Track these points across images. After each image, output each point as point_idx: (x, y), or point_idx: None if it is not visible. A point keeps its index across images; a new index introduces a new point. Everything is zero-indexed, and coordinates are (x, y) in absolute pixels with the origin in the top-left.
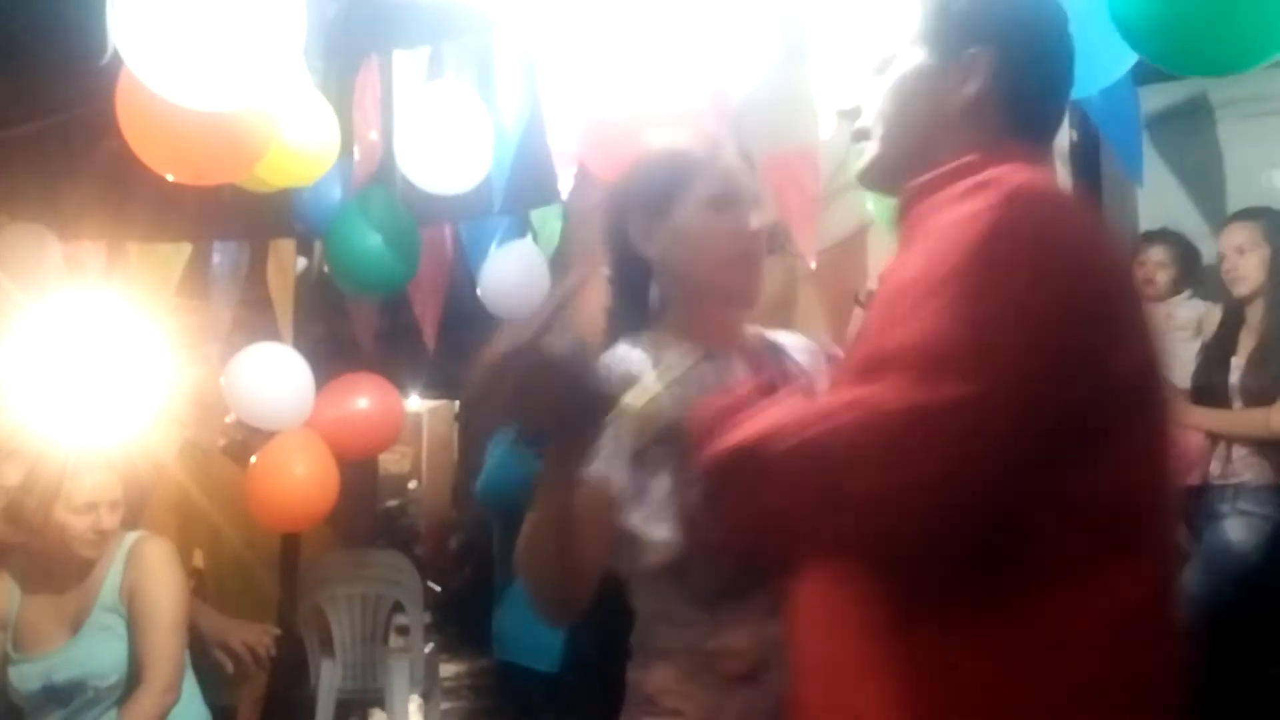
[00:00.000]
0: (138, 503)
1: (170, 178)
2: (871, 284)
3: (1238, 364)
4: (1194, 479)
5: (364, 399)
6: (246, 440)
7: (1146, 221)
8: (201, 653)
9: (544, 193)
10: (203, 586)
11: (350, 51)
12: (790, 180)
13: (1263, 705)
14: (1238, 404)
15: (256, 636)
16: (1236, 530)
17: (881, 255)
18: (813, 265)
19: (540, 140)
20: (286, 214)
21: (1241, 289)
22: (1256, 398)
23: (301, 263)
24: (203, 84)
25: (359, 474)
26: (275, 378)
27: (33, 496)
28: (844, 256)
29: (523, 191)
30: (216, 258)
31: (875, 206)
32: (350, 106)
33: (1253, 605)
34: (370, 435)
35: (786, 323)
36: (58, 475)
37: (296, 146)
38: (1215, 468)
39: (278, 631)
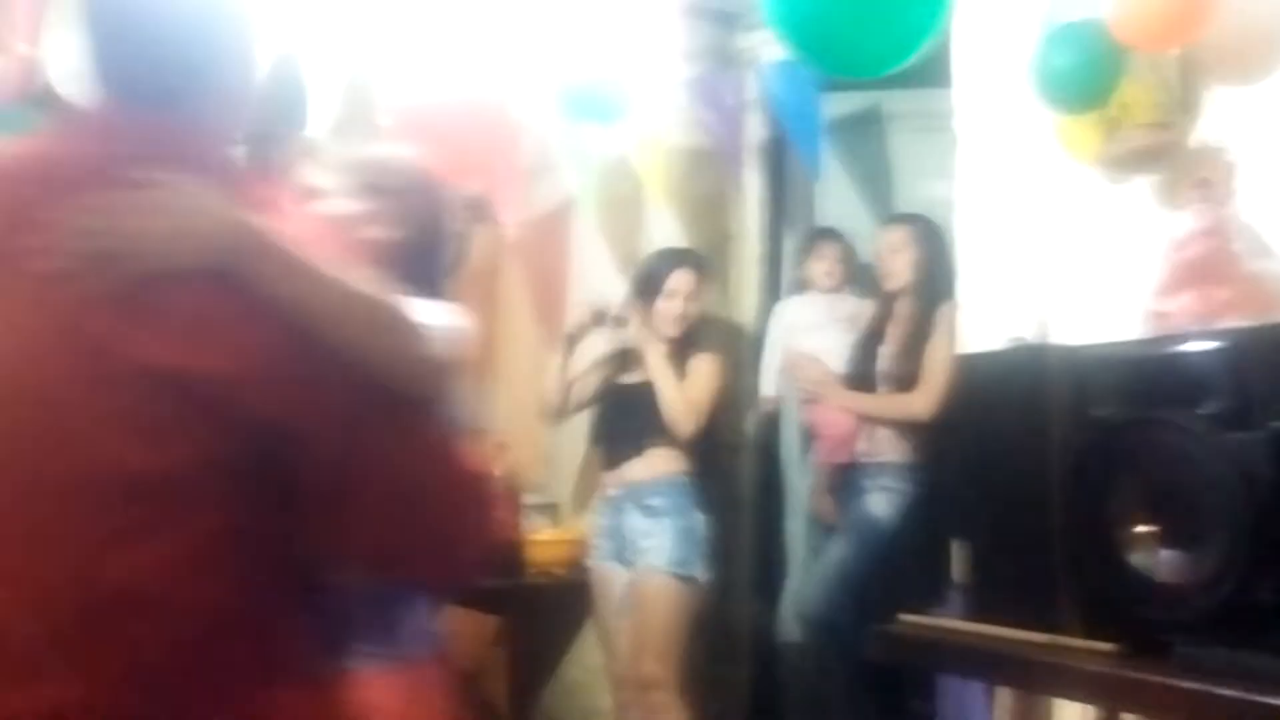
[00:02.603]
0: None
1: None
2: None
3: (885, 353)
4: (844, 457)
5: None
6: None
7: (824, 218)
8: None
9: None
10: None
11: None
12: (495, 153)
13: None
14: (884, 389)
15: None
16: (878, 504)
17: (584, 232)
18: (515, 236)
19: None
20: None
21: (892, 285)
22: (900, 384)
23: None
24: None
25: None
26: None
27: None
28: (547, 231)
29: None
30: None
31: (579, 185)
32: None
33: (891, 569)
34: None
35: (491, 292)
36: None
37: None
38: (863, 447)
39: None
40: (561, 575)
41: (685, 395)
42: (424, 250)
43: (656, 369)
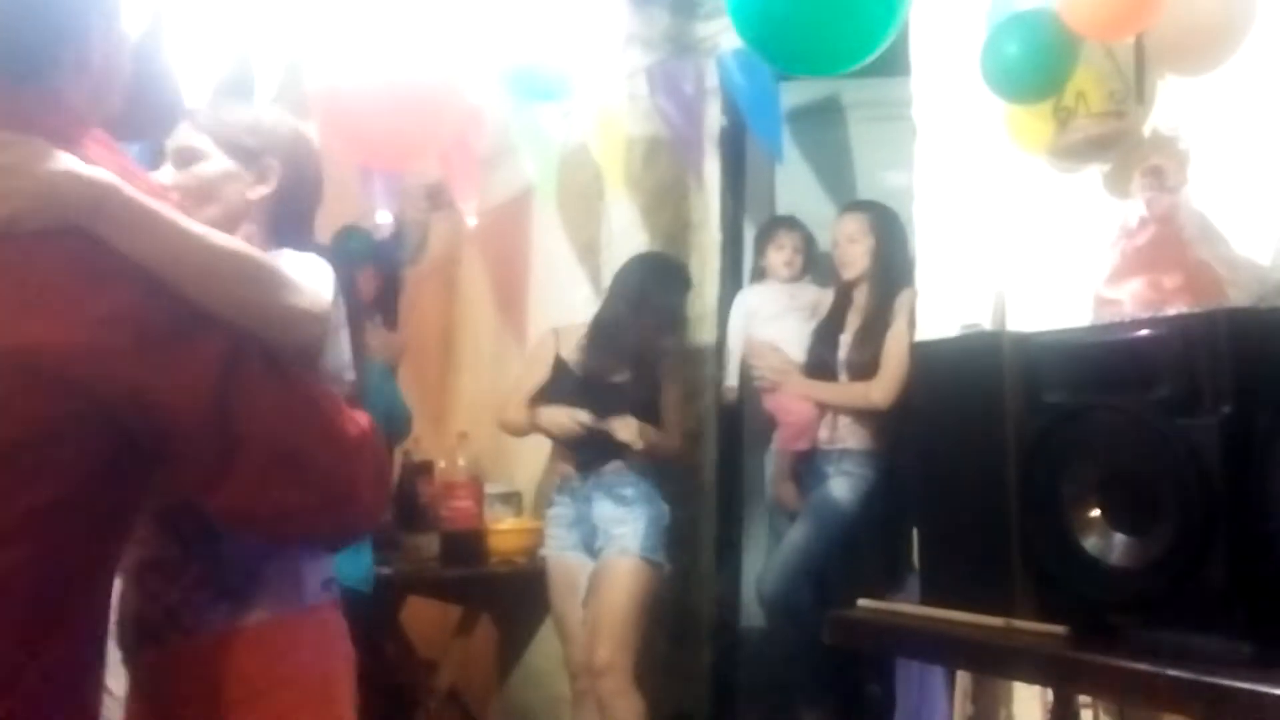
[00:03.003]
0: None
1: None
2: (536, 247)
3: (845, 341)
4: (805, 444)
5: None
6: None
7: (784, 207)
8: None
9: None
10: None
11: None
12: (454, 140)
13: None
14: (844, 377)
15: None
16: (839, 489)
17: (545, 220)
18: (474, 223)
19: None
20: None
21: (849, 274)
22: (859, 372)
23: None
24: None
25: None
26: None
27: None
28: (507, 218)
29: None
30: None
31: (538, 173)
32: None
33: (851, 554)
34: None
35: (451, 280)
36: None
37: None
38: (824, 434)
39: None
40: (524, 564)
41: (667, 439)
42: (296, 204)
43: (648, 445)
